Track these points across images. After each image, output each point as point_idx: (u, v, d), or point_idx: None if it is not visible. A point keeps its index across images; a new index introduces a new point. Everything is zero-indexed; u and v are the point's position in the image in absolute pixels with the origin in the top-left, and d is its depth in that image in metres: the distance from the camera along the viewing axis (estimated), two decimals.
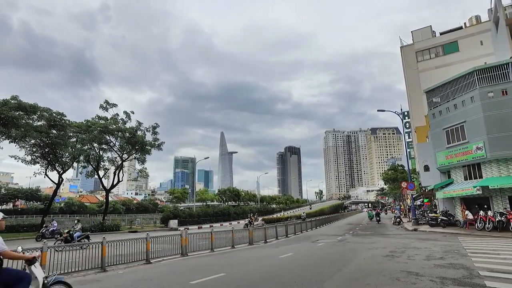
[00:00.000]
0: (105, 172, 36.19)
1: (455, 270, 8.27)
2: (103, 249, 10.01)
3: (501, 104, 20.12)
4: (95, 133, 29.92)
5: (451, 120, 23.08)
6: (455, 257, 10.30)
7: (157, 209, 70.73)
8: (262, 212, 67.62)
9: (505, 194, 20.00)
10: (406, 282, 7.12)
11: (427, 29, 41.13)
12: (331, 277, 7.98)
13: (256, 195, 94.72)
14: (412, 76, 39.51)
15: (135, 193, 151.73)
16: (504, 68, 20.49)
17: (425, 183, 29.81)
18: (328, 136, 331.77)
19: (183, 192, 78.76)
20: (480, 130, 20.74)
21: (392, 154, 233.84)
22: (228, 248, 15.79)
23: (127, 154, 34.33)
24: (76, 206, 55.69)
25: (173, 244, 13.14)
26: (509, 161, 19.89)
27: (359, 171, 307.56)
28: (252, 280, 8.19)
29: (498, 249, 11.96)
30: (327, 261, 10.90)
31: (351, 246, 15.40)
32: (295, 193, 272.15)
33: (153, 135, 34.65)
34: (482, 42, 34.22)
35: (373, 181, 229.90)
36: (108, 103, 32.72)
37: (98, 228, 27.88)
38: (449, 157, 23.27)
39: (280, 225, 24.04)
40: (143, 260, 11.42)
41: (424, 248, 13.05)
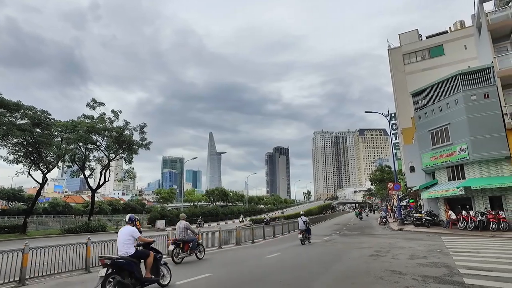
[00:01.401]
0: (91, 172, 35.63)
1: (437, 268, 8.46)
2: (87, 249, 9.87)
3: (483, 107, 20.65)
4: (81, 133, 29.41)
5: (436, 122, 23.56)
6: (437, 256, 10.53)
7: (144, 209, 69.96)
8: (250, 213, 67.71)
9: (486, 195, 20.54)
10: (389, 281, 7.25)
11: (414, 32, 41.89)
12: (318, 277, 8.06)
13: (244, 195, 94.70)
14: (399, 78, 40.17)
15: (122, 193, 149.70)
16: (486, 72, 21.04)
17: (411, 184, 30.34)
18: (316, 137, 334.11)
19: (170, 193, 78.16)
20: (464, 132, 21.24)
21: (379, 155, 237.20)
22: (215, 248, 15.76)
23: (114, 154, 33.87)
24: (61, 206, 54.61)
25: (160, 245, 13.04)
26: (490, 162, 20.44)
27: (347, 172, 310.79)
28: (238, 280, 8.21)
29: (478, 248, 12.28)
30: (314, 261, 11.01)
31: (338, 246, 15.57)
32: (284, 193, 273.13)
33: (141, 135, 34.31)
34: (466, 46, 35.06)
35: (361, 182, 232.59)
36: (95, 101, 32.24)
37: (84, 229, 27.42)
38: (434, 158, 23.75)
39: (268, 225, 24.11)
40: None
41: (409, 247, 13.29)
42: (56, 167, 31.81)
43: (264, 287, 7.29)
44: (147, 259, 6.91)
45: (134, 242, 6.92)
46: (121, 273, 6.31)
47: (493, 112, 20.26)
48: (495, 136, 20.00)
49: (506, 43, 21.53)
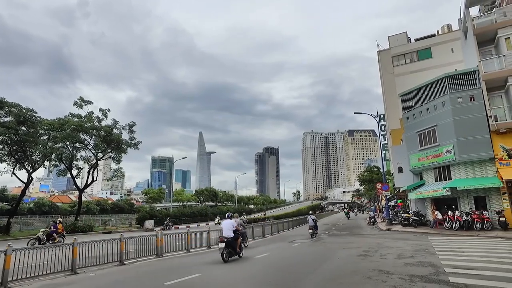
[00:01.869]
0: (79, 172, 35.08)
1: (423, 267, 8.59)
2: (74, 250, 9.69)
3: (469, 110, 21.08)
4: (69, 131, 28.92)
5: (424, 124, 23.93)
6: (424, 256, 10.70)
7: (133, 209, 69.19)
8: (240, 213, 67.61)
9: (471, 195, 20.97)
10: (377, 280, 7.33)
11: (402, 35, 42.48)
12: (306, 277, 8.09)
13: (234, 195, 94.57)
14: (388, 80, 40.68)
15: (110, 193, 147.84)
16: (472, 76, 21.48)
17: (399, 184, 30.76)
18: (306, 137, 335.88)
19: (159, 192, 77.48)
20: (450, 134, 21.64)
21: (368, 155, 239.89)
22: (205, 248, 15.69)
23: (102, 153, 33.43)
24: (46, 206, 53.50)
25: (148, 245, 12.92)
26: (475, 163, 20.88)
27: (336, 172, 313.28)
28: (227, 281, 8.18)
29: (463, 247, 12.53)
30: (302, 261, 11.05)
31: (326, 246, 15.66)
32: (273, 193, 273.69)
33: (130, 134, 33.97)
34: (453, 49, 35.71)
35: (350, 182, 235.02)
36: (82, 100, 31.74)
37: (70, 229, 26.94)
38: (421, 159, 24.12)
39: (257, 225, 24.11)
40: (116, 262, 11.16)
41: (396, 247, 13.46)
42: (42, 166, 31.23)
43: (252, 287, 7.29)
44: (237, 240, 11.97)
45: (232, 229, 11.71)
46: (229, 247, 11.43)
47: (478, 114, 20.70)
48: (480, 138, 20.45)
49: (490, 47, 22.02)
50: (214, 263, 11.24)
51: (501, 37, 20.69)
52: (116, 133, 32.78)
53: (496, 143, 20.05)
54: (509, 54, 20.27)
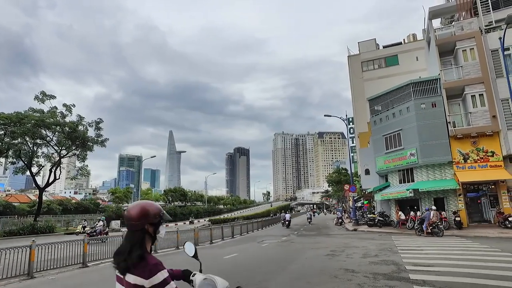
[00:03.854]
0: (39, 169, 33.22)
1: (386, 266, 8.96)
2: (31, 253, 9.12)
3: (431, 115, 22.26)
4: (28, 126, 27.29)
5: (390, 128, 24.94)
6: (387, 254, 11.15)
7: (98, 209, 66.34)
8: (209, 213, 67.05)
9: (431, 196, 22.14)
10: (343, 279, 7.54)
11: (372, 41, 44.01)
12: (275, 277, 8.17)
13: (203, 195, 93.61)
14: (357, 84, 41.96)
15: (74, 192, 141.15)
16: (434, 83, 22.70)
17: (366, 186, 31.84)
18: (277, 139, 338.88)
19: (127, 192, 75.07)
20: (414, 138, 22.72)
21: (337, 157, 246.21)
22: (173, 249, 15.40)
23: (66, 150, 31.86)
24: (1, 206, 50.00)
25: (114, 246, 12.48)
26: (436, 166, 22.08)
27: (306, 173, 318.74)
28: None
29: (422, 246, 13.21)
30: (271, 261, 11.13)
31: (295, 246, 15.89)
32: (243, 194, 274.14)
33: (96, 131, 32.63)
34: (417, 57, 37.49)
35: (319, 183, 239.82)
36: (45, 94, 30.09)
37: (28, 231, 25.34)
38: (387, 162, 25.12)
39: (226, 225, 24.03)
40: (79, 264, 10.68)
41: (362, 247, 13.92)
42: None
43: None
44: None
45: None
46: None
47: (439, 120, 21.91)
48: (440, 142, 21.66)
49: (450, 57, 23.38)
50: (182, 264, 11.05)
51: (459, 49, 22.03)
52: (81, 129, 31.37)
53: (454, 147, 21.34)
54: (465, 65, 21.64)
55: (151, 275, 1.74)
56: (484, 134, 20.65)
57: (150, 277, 1.73)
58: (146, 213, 1.90)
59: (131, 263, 1.76)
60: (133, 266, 1.76)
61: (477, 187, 21.27)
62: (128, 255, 1.78)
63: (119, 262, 1.82)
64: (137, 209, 1.89)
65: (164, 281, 1.76)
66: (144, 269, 1.76)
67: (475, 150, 20.91)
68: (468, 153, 21.04)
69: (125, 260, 1.79)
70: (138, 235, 1.87)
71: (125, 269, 1.79)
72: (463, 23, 22.79)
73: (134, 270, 1.76)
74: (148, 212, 1.91)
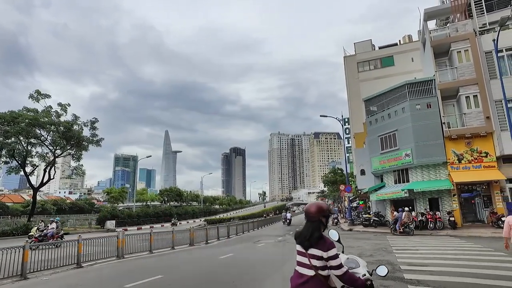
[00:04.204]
0: (34, 169, 32.97)
1: None
2: (24, 253, 9.04)
3: (426, 116, 22.41)
4: (23, 126, 27.06)
5: (385, 128, 25.06)
6: (382, 254, 11.21)
7: (93, 209, 66.12)
8: (205, 213, 66.93)
9: (426, 197, 22.28)
10: None
11: (368, 42, 44.17)
12: (270, 277, 8.18)
13: (199, 195, 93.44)
14: (353, 85, 42.11)
15: (69, 192, 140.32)
16: (429, 84, 22.85)
17: (361, 186, 31.96)
18: (273, 139, 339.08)
19: (122, 192, 74.71)
20: (409, 139, 22.85)
21: (333, 158, 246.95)
22: (168, 249, 15.35)
23: (60, 150, 31.64)
24: None
25: (109, 246, 12.40)
26: (430, 167, 22.23)
27: (302, 174, 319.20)
28: (191, 281, 8.07)
29: (417, 246, 13.29)
30: (267, 261, 11.15)
31: (291, 246, 15.90)
32: (239, 194, 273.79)
33: (92, 131, 32.47)
34: (413, 58, 37.70)
35: (315, 184, 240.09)
36: (39, 93, 29.89)
37: (22, 231, 25.13)
38: (382, 162, 25.24)
39: (222, 225, 24.01)
40: (73, 264, 10.60)
41: (357, 246, 13.98)
42: None
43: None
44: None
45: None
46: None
47: (434, 121, 22.06)
48: (435, 143, 21.81)
49: (445, 59, 23.55)
50: (178, 264, 11.04)
51: (454, 50, 22.20)
52: (76, 129, 31.19)
53: (449, 148, 21.51)
54: (460, 66, 21.81)
55: (329, 249, 2.63)
56: (478, 135, 20.83)
57: (328, 251, 2.62)
58: (321, 209, 2.79)
59: (313, 242, 2.67)
60: (315, 243, 2.67)
61: (471, 187, 21.45)
62: (310, 236, 2.69)
63: (303, 241, 2.74)
64: (315, 207, 2.81)
65: (336, 254, 2.66)
66: (323, 245, 2.65)
67: (469, 151, 21.09)
68: (463, 154, 21.21)
69: (308, 240, 2.69)
70: (316, 224, 2.75)
71: (308, 246, 2.70)
72: (457, 25, 22.97)
73: (315, 246, 2.67)
74: (322, 208, 2.80)
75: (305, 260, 2.72)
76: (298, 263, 2.82)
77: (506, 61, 20.47)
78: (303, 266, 2.75)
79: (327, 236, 2.72)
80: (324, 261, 2.63)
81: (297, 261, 2.83)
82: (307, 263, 2.70)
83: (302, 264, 2.77)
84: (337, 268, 2.63)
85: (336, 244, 2.81)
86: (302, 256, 2.76)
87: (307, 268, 2.71)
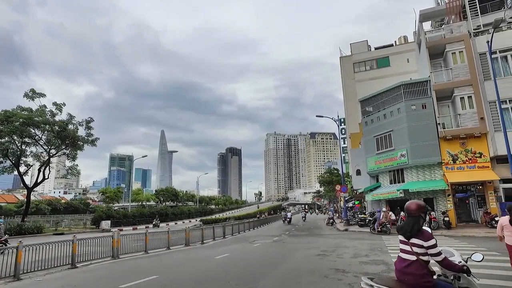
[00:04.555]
0: (28, 169, 32.69)
1: (376, 265, 9.04)
2: (18, 254, 8.94)
3: (421, 117, 22.56)
4: (17, 125, 26.82)
5: (381, 129, 25.18)
6: (377, 254, 11.26)
7: (88, 209, 65.71)
8: (201, 213, 66.80)
9: (421, 197, 22.41)
10: (333, 279, 7.59)
11: (364, 43, 44.34)
12: (265, 276, 8.18)
13: (195, 195, 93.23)
14: (349, 85, 42.23)
15: (63, 192, 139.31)
16: (424, 85, 23.01)
17: (357, 186, 32.08)
18: (269, 139, 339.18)
19: (117, 192, 74.31)
20: (404, 139, 22.98)
21: (329, 158, 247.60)
22: (164, 249, 15.31)
23: (55, 150, 31.40)
24: None
25: (104, 247, 12.33)
26: (425, 167, 22.38)
27: (298, 174, 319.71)
28: (186, 282, 8.04)
29: None
30: (262, 261, 11.15)
31: (286, 246, 15.93)
32: (235, 194, 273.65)
33: (87, 130, 32.24)
34: (408, 59, 37.92)
35: (311, 184, 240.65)
36: (34, 92, 29.63)
37: (16, 231, 24.92)
38: (378, 162, 25.36)
39: (218, 225, 23.97)
40: (68, 265, 10.53)
41: (353, 246, 14.02)
42: None
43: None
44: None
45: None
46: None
47: (429, 121, 22.21)
48: (430, 143, 21.96)
49: (440, 60, 23.72)
50: (173, 264, 11.00)
51: (449, 51, 22.36)
52: (71, 128, 30.97)
53: (444, 148, 21.66)
54: (455, 67, 21.98)
55: (428, 240, 3.23)
56: (473, 136, 21.00)
57: (428, 241, 3.22)
58: (420, 206, 3.43)
59: (414, 233, 3.30)
60: (415, 234, 3.29)
61: (465, 187, 21.65)
62: (411, 229, 3.33)
63: (405, 233, 3.39)
64: (415, 205, 3.44)
65: (435, 244, 3.23)
66: (423, 236, 3.27)
67: (463, 151, 21.25)
68: (457, 154, 21.38)
69: (409, 232, 3.33)
70: (416, 219, 3.37)
71: (409, 236, 3.32)
72: (452, 26, 23.14)
73: (416, 236, 3.28)
74: (421, 206, 3.43)
75: (408, 248, 3.33)
76: (401, 250, 3.45)
77: (500, 62, 20.66)
78: (406, 252, 3.36)
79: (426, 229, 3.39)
80: (424, 249, 3.22)
81: (400, 249, 3.48)
82: (409, 250, 3.31)
83: (404, 251, 3.38)
84: (436, 256, 3.22)
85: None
86: (404, 245, 3.39)
87: (409, 254, 3.31)
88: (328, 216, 38.66)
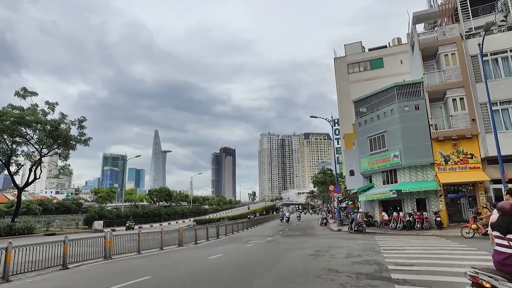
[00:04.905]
0: (19, 168, 32.24)
1: (369, 266, 9.09)
2: (7, 255, 8.80)
3: (414, 118, 22.75)
4: (7, 124, 26.45)
5: (374, 129, 25.34)
6: (370, 254, 11.32)
7: (80, 209, 65.02)
8: (195, 213, 66.58)
9: (413, 197, 22.62)
10: (326, 279, 7.61)
11: (358, 44, 44.59)
12: (259, 277, 8.17)
13: (188, 195, 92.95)
14: (343, 86, 42.42)
15: (55, 192, 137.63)
16: (417, 86, 23.21)
17: (350, 187, 32.25)
18: (263, 139, 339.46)
19: (110, 192, 73.76)
20: (397, 140, 23.16)
21: (323, 158, 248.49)
22: (157, 250, 15.22)
23: (47, 149, 31.01)
24: None
25: (96, 247, 12.22)
26: (418, 168, 22.58)
27: (292, 174, 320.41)
28: (179, 282, 8.01)
29: (404, 246, 13.48)
30: (256, 262, 11.14)
31: (280, 246, 15.95)
32: (229, 194, 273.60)
33: (80, 130, 31.87)
34: (402, 61, 38.23)
35: (304, 184, 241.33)
36: (26, 90, 29.22)
37: (5, 232, 24.52)
38: (371, 163, 25.51)
39: (212, 226, 23.91)
40: (59, 266, 10.41)
41: (346, 247, 14.08)
42: None
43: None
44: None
45: None
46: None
47: (421, 122, 22.41)
48: (422, 144, 22.16)
49: (433, 61, 23.96)
50: (166, 264, 10.94)
51: (441, 53, 22.59)
52: (63, 128, 30.61)
53: (436, 149, 21.88)
54: (447, 69, 22.22)
55: None
56: (464, 137, 21.24)
57: None
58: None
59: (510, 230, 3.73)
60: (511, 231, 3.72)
61: (457, 188, 21.89)
62: (507, 226, 3.76)
63: (501, 230, 3.83)
64: (509, 205, 3.80)
65: None
66: None
67: (455, 152, 21.49)
68: (449, 155, 21.61)
69: (506, 228, 3.77)
70: (510, 217, 3.78)
71: (505, 232, 3.75)
72: (445, 29, 23.38)
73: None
74: None
75: (504, 242, 3.76)
76: (497, 244, 3.88)
77: (491, 65, 20.93)
78: (503, 246, 3.79)
79: None
80: None
81: (496, 243, 3.90)
82: (506, 244, 3.74)
83: (501, 245, 3.81)
84: None
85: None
86: (501, 240, 3.82)
87: (506, 248, 3.73)
88: (321, 216, 38.79)
